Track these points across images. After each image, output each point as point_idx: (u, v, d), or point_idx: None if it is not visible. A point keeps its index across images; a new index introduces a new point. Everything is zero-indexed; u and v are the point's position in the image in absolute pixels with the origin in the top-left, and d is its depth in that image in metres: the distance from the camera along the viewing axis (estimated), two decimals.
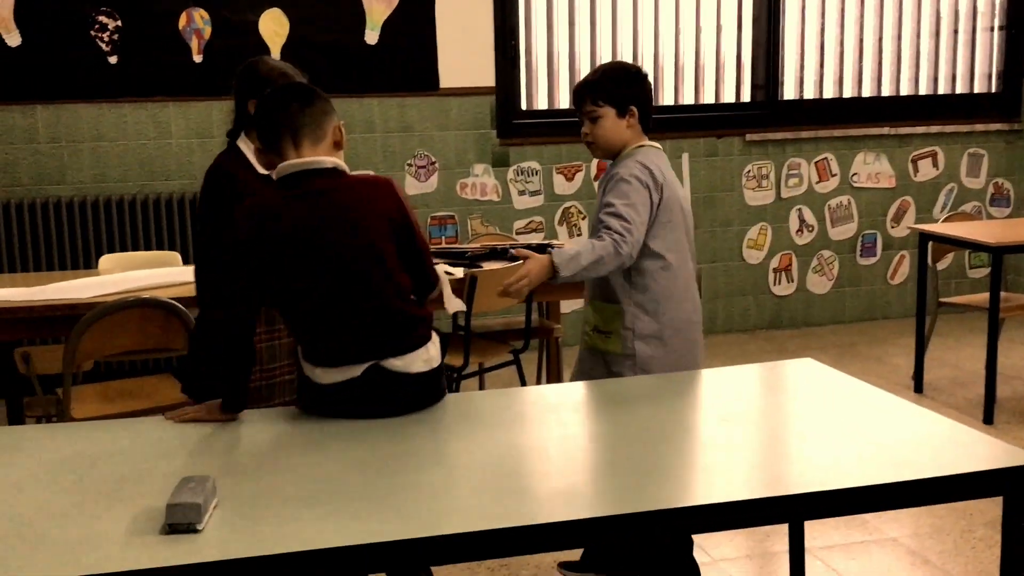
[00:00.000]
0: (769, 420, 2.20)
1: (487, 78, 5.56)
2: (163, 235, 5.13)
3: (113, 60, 5.10)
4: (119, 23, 5.10)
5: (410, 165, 5.57)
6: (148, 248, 5.04)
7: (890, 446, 1.99)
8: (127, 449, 2.06)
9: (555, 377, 4.46)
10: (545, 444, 2.07)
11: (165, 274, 3.85)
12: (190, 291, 3.62)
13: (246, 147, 2.73)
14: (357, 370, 2.20)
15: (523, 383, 3.97)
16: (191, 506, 1.69)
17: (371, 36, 5.40)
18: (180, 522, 1.69)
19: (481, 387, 4.57)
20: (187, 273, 3.94)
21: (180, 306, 3.28)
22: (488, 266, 3.84)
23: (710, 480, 1.86)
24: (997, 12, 6.33)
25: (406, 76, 5.46)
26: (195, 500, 1.70)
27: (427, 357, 2.26)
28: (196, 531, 1.68)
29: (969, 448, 1.95)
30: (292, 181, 2.20)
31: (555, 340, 4.47)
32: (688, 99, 5.97)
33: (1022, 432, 4.27)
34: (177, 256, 4.37)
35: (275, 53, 5.23)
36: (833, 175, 6.13)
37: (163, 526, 1.68)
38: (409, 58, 5.45)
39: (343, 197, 2.21)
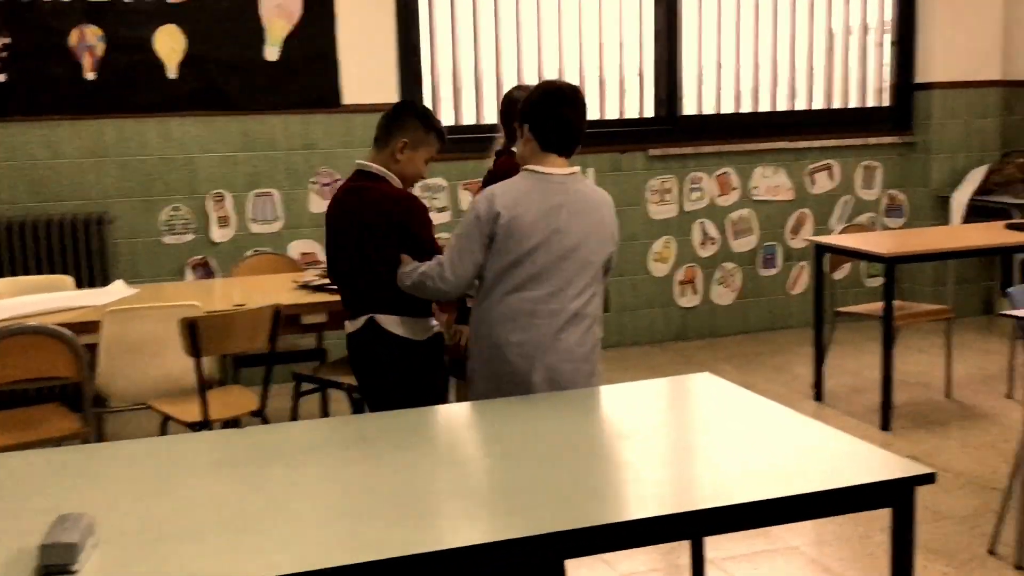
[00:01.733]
0: (668, 436, 2.20)
1: (391, 94, 5.50)
2: (55, 258, 4.94)
3: (1, 78, 4.91)
4: (8, 40, 4.90)
5: (313, 183, 5.48)
6: (39, 272, 4.84)
7: (786, 460, 2.00)
8: None
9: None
10: (440, 466, 2.03)
11: (56, 299, 3.70)
12: (83, 316, 3.50)
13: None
14: (359, 322, 2.98)
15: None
16: (66, 546, 1.61)
17: (271, 52, 5.30)
18: (54, 564, 1.60)
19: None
20: (80, 298, 3.80)
21: (69, 333, 3.15)
22: None
23: (609, 499, 1.84)
24: (887, 27, 6.53)
25: (308, 93, 5.38)
26: (70, 540, 1.62)
27: (416, 327, 2.96)
28: (71, 573, 1.59)
29: (861, 460, 1.98)
30: (354, 175, 3.07)
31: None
32: (592, 115, 6.00)
33: (918, 437, 4.38)
34: (69, 280, 4.20)
35: (171, 70, 5.10)
36: (734, 189, 6.23)
37: (36, 569, 1.59)
38: (311, 75, 5.37)
39: (368, 196, 2.98)
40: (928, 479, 1.84)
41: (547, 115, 2.71)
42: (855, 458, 1.99)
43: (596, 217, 2.70)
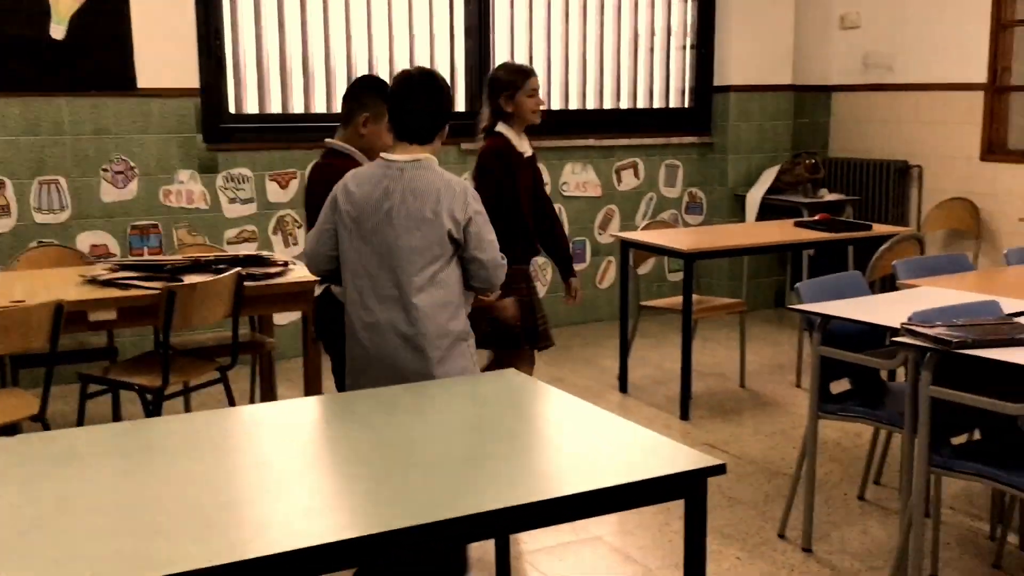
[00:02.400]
0: (473, 434, 2.17)
1: (190, 79, 5.25)
2: None
3: None
4: None
5: (106, 170, 5.16)
6: None
7: (587, 455, 2.01)
8: None
9: (270, 394, 4.27)
10: (248, 470, 1.93)
11: None
12: None
13: (508, 132, 3.76)
14: (319, 290, 3.18)
15: (231, 403, 3.75)
16: None
17: (57, 30, 4.95)
18: None
19: (187, 409, 4.30)
20: None
21: None
22: (191, 279, 3.60)
23: (411, 502, 1.79)
24: (688, 32, 6.78)
25: (99, 75, 5.05)
26: None
27: None
28: None
29: (657, 453, 2.01)
30: (324, 153, 3.23)
31: (268, 354, 4.28)
32: None
33: (715, 425, 4.56)
34: None
35: None
36: (545, 184, 6.31)
37: None
38: (102, 55, 5.05)
39: (329, 172, 2.98)
40: (719, 470, 1.89)
41: (393, 104, 2.79)
42: (652, 451, 2.03)
43: (426, 201, 2.69)
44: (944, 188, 6.30)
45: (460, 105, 6.10)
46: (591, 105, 6.52)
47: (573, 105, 6.46)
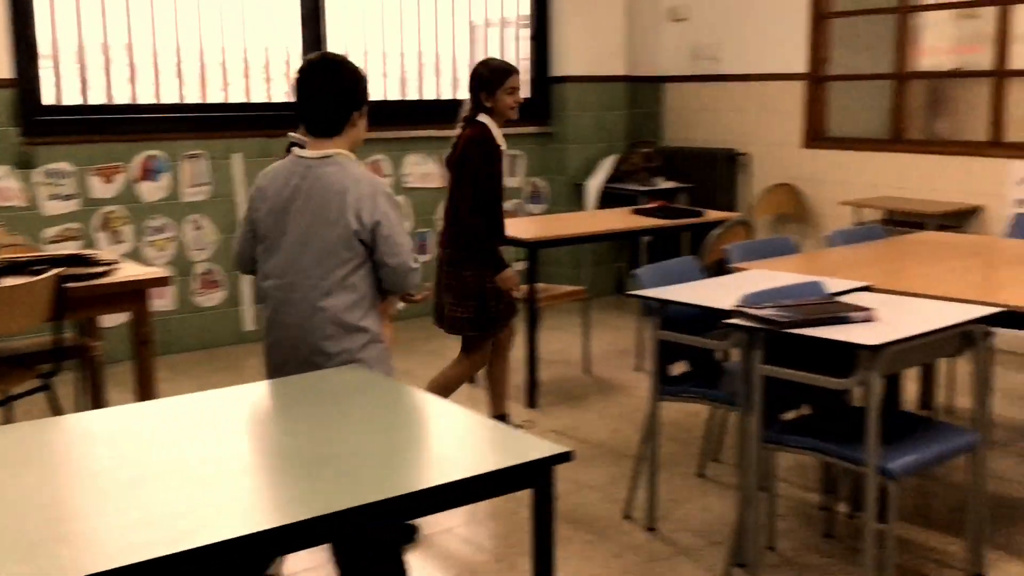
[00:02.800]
0: (317, 431, 2.12)
1: (2, 69, 4.93)
2: None
3: None
4: None
5: None
6: None
7: (435, 449, 2.00)
8: None
9: (99, 401, 4.06)
10: (77, 483, 1.81)
11: None
12: None
13: (489, 122, 3.97)
14: None
15: (57, 412, 3.55)
16: None
17: None
18: None
19: (8, 420, 4.04)
20: None
21: None
22: (4, 282, 3.37)
23: (255, 509, 1.73)
24: (525, 22, 6.84)
25: None
26: None
27: None
28: None
29: (503, 444, 2.02)
30: None
31: (94, 359, 4.07)
32: (236, 97, 5.76)
33: (561, 412, 4.63)
34: None
35: None
36: (386, 176, 6.25)
37: None
38: None
39: None
40: (565, 458, 1.91)
41: (296, 96, 2.65)
42: (499, 443, 2.03)
43: (331, 201, 2.54)
44: (770, 175, 6.60)
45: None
46: (430, 95, 6.49)
47: (412, 95, 6.41)
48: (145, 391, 3.64)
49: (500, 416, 4.18)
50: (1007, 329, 3.02)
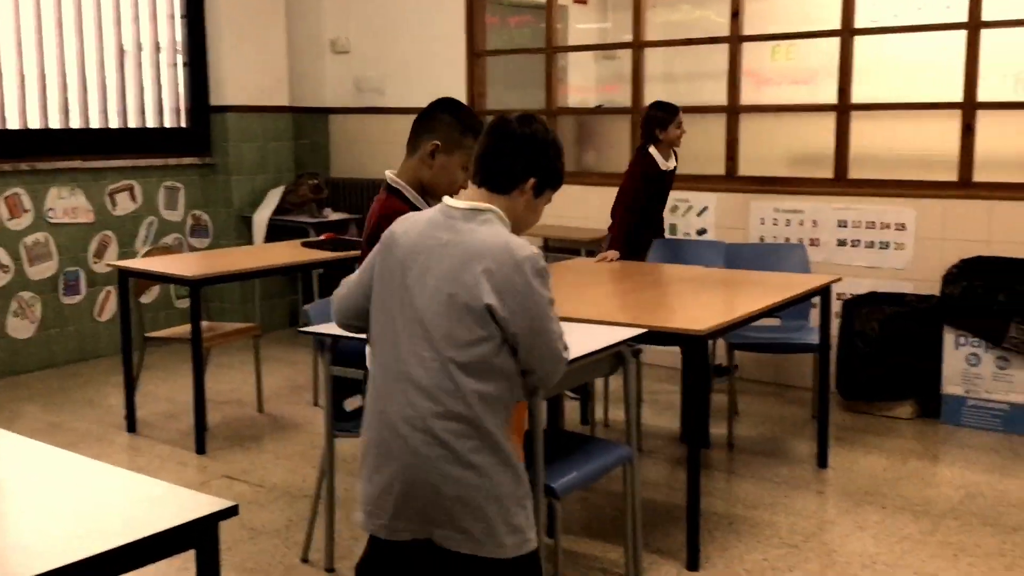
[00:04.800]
0: None
1: None
2: None
3: None
4: None
5: None
6: None
7: (80, 517, 1.81)
8: None
9: None
10: None
11: None
12: None
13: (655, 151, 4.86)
14: None
15: None
16: None
17: None
18: None
19: None
20: None
21: None
22: None
23: None
24: (179, 48, 6.53)
25: None
26: None
27: None
28: None
29: (161, 504, 1.87)
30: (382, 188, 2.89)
31: None
32: None
33: (233, 456, 4.43)
34: None
35: None
36: (26, 211, 5.71)
37: None
38: None
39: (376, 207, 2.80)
40: (231, 512, 1.81)
41: (483, 143, 2.32)
42: (156, 502, 1.88)
43: (472, 264, 2.13)
44: None
45: None
46: (76, 124, 6.02)
47: (54, 124, 5.91)
48: None
49: None
50: (654, 345, 3.28)
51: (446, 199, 2.26)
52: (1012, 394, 4.60)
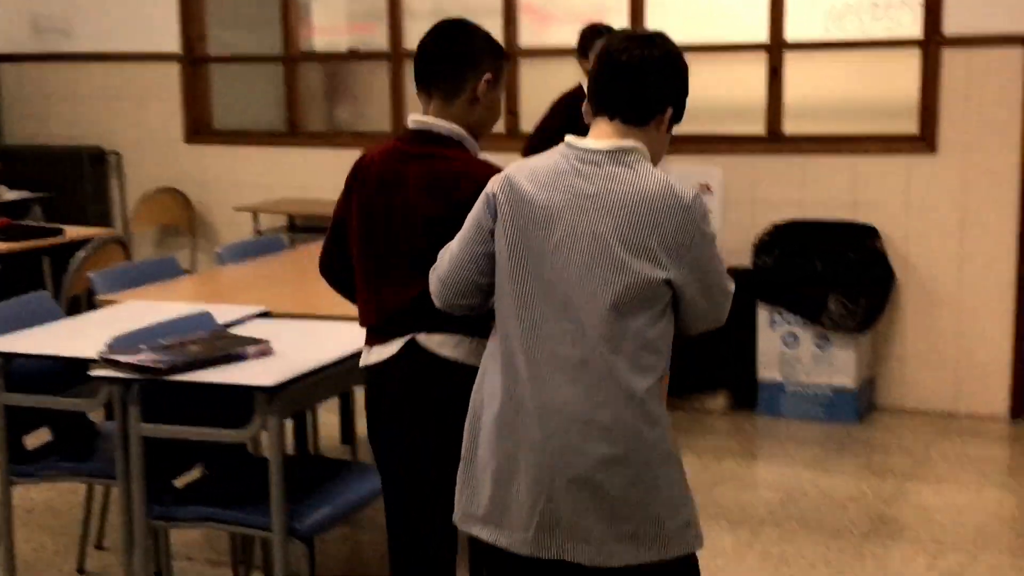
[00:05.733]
0: None
1: None
2: None
3: None
4: None
5: None
6: None
7: None
8: None
9: None
10: None
11: None
12: None
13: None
14: (393, 346, 2.52)
15: None
16: None
17: None
18: None
19: None
20: None
21: None
22: None
23: None
24: None
25: None
26: None
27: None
28: None
29: None
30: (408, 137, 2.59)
31: None
32: None
33: None
34: None
35: None
36: None
37: None
38: None
39: (438, 169, 2.52)
40: None
41: (604, 61, 2.25)
42: None
43: (633, 220, 2.13)
44: (149, 177, 6.49)
45: None
46: None
47: None
48: None
49: None
50: None
51: (573, 140, 2.23)
52: (835, 377, 4.90)
